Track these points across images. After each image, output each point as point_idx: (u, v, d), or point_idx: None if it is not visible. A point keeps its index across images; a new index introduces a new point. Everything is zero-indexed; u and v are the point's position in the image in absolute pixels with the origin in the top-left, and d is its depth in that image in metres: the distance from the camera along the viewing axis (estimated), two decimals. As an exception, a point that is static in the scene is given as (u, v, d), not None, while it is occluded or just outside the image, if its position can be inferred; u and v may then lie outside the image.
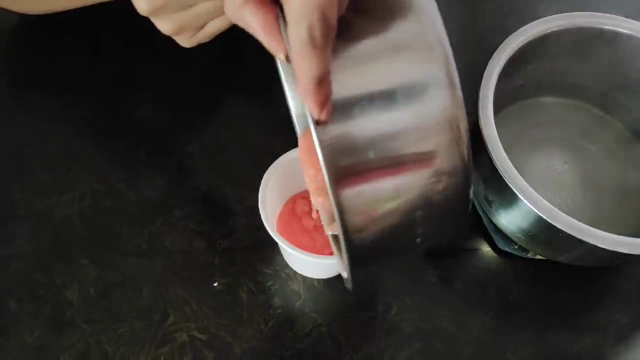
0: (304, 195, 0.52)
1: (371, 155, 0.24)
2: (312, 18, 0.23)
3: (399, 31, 0.25)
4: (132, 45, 0.60)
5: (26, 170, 0.55)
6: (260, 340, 0.48)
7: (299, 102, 0.42)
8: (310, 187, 0.39)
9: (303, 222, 0.50)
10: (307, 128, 0.41)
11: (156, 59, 0.59)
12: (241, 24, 0.27)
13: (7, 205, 0.53)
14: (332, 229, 0.40)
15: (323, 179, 0.25)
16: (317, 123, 0.24)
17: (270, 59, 0.33)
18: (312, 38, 0.23)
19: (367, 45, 0.24)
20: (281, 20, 0.25)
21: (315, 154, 0.25)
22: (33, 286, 0.49)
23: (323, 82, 0.24)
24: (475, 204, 0.55)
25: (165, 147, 0.57)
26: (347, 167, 0.24)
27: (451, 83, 0.24)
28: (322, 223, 0.42)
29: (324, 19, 0.23)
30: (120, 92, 0.59)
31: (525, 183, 0.45)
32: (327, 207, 0.40)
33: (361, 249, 0.26)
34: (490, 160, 0.46)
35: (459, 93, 0.24)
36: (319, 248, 0.48)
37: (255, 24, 0.26)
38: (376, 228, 0.25)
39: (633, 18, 0.54)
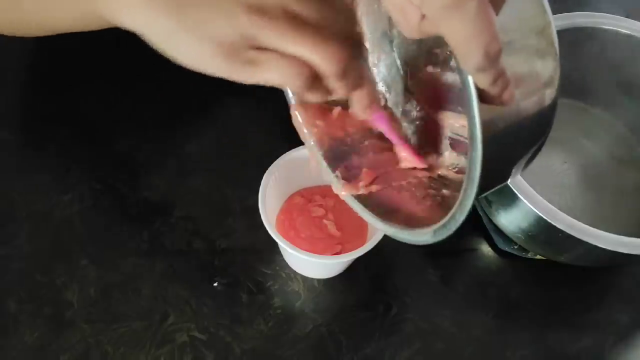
0: (303, 194, 0.52)
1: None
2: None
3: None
4: (131, 45, 0.60)
5: (26, 171, 0.55)
6: (260, 340, 0.48)
7: None
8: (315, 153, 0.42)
9: (303, 221, 0.50)
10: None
11: (156, 59, 0.59)
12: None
13: (7, 205, 0.52)
14: (351, 190, 0.42)
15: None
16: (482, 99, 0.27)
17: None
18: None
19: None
20: None
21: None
22: (33, 287, 0.49)
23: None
24: (475, 204, 0.55)
25: (164, 147, 0.57)
26: (495, 133, 0.28)
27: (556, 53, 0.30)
28: (335, 189, 0.43)
29: None
30: (119, 93, 0.59)
31: (525, 183, 0.45)
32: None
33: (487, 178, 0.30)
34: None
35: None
36: (319, 248, 0.48)
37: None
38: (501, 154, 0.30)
39: (633, 18, 0.54)
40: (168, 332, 0.48)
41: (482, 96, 0.27)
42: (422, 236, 0.36)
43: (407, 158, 0.43)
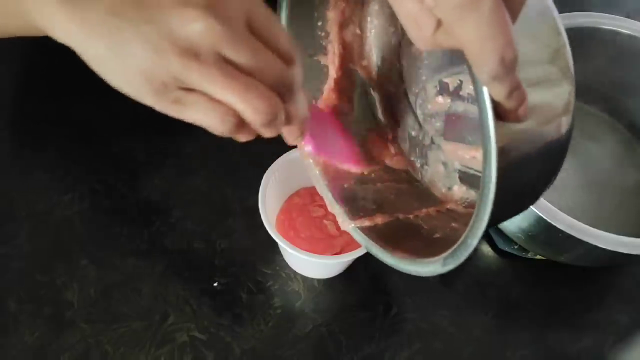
0: (303, 194, 0.52)
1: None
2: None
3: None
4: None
5: (26, 171, 0.54)
6: (260, 340, 0.48)
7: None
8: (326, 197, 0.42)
9: (303, 221, 0.50)
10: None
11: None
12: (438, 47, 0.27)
13: (7, 205, 0.52)
14: (360, 223, 0.40)
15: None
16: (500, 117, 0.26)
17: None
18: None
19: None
20: None
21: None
22: (33, 286, 0.49)
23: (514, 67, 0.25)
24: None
25: (164, 147, 0.57)
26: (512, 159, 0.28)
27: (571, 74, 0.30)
28: (340, 221, 0.42)
29: None
30: (119, 93, 0.59)
31: (525, 183, 0.45)
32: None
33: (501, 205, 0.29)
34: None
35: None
36: (319, 248, 0.48)
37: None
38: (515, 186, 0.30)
39: (633, 18, 0.54)
40: (168, 332, 0.48)
41: (497, 111, 0.26)
42: (430, 266, 0.35)
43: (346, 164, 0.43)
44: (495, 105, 0.26)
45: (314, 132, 0.38)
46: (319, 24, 0.44)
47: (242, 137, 0.31)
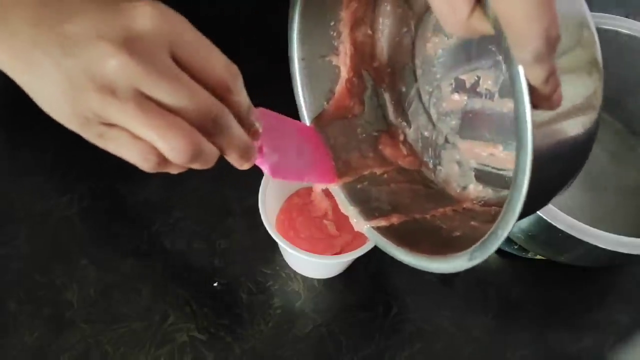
0: (303, 194, 0.52)
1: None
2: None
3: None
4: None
5: (25, 172, 0.54)
6: (260, 340, 0.48)
7: (310, 97, 0.44)
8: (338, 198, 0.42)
9: (303, 221, 0.50)
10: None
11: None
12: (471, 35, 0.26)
13: (6, 206, 0.52)
14: (375, 223, 0.41)
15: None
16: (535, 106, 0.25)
17: (266, 60, 0.33)
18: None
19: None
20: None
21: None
22: (32, 287, 0.49)
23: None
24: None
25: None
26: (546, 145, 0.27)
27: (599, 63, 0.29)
28: (354, 222, 0.42)
29: None
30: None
31: (526, 183, 0.45)
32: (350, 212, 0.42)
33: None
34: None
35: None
36: (319, 248, 0.48)
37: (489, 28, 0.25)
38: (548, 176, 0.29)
39: (633, 18, 0.54)
40: (168, 332, 0.48)
41: (532, 97, 0.25)
42: (456, 261, 0.34)
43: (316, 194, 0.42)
44: (531, 91, 0.25)
45: (275, 152, 0.36)
46: (332, 24, 0.44)
47: (173, 170, 0.30)
